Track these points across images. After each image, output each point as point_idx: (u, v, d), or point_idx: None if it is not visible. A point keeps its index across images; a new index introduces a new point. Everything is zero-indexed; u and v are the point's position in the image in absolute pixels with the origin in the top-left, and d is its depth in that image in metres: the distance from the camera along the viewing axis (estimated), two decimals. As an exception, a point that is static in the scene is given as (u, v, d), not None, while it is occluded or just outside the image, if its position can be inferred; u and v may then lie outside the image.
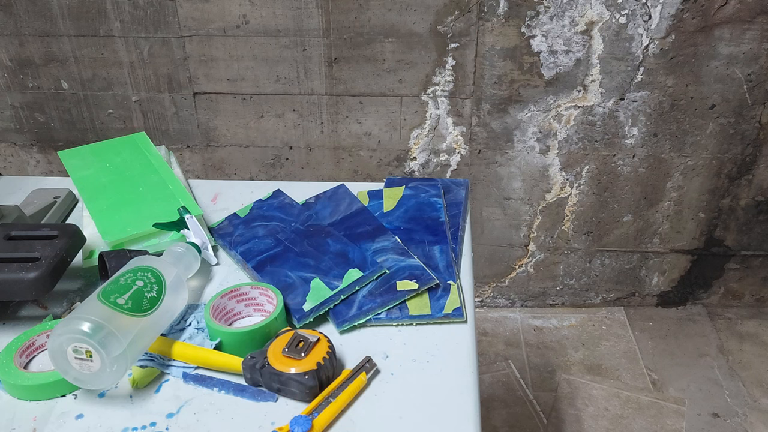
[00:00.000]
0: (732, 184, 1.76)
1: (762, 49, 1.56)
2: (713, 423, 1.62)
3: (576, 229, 1.86)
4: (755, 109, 1.65)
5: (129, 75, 1.69)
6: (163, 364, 0.70)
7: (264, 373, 0.66)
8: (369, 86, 1.67)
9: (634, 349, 1.84)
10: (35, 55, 1.67)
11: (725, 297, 1.98)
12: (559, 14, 1.54)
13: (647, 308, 2.00)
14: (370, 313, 0.76)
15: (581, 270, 1.94)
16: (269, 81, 1.67)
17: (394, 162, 1.79)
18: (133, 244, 0.86)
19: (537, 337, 1.89)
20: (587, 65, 1.60)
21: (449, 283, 0.80)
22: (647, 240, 1.87)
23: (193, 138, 1.78)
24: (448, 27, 1.58)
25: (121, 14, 1.60)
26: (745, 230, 1.84)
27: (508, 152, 1.75)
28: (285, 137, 1.76)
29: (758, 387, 1.72)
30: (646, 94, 1.63)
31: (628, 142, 1.71)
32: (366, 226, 0.90)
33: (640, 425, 1.60)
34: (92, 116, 1.75)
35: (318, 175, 1.82)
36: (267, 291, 0.76)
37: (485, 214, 1.86)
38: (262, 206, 0.95)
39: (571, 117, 1.68)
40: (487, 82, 1.65)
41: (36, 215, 0.94)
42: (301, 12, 1.57)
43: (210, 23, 1.60)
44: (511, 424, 1.62)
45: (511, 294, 2.00)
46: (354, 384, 0.66)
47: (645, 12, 1.53)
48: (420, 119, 1.71)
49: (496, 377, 1.75)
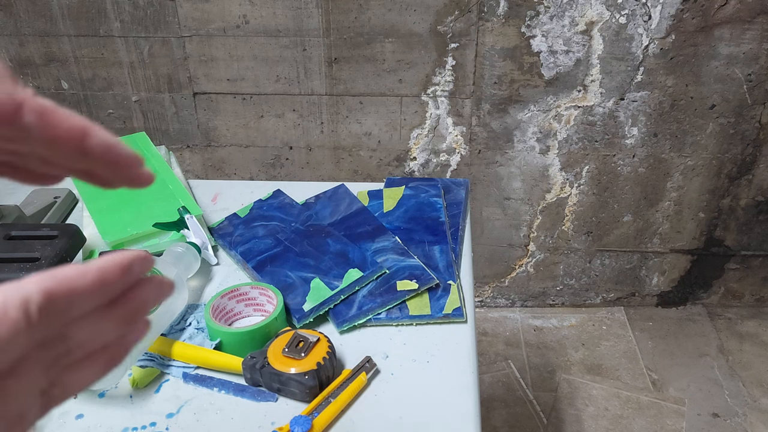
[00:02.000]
0: (732, 184, 1.76)
1: (762, 49, 1.56)
2: (713, 423, 1.62)
3: (576, 229, 1.86)
4: (755, 109, 1.65)
5: (129, 75, 1.69)
6: (163, 364, 0.70)
7: (264, 373, 0.66)
8: (369, 86, 1.67)
9: (634, 349, 1.84)
10: (35, 55, 1.67)
11: (725, 297, 1.98)
12: (559, 14, 1.54)
13: (647, 308, 2.00)
14: (370, 313, 0.76)
15: (581, 270, 1.94)
16: (269, 81, 1.67)
17: (394, 162, 1.79)
18: (133, 244, 0.86)
19: (537, 337, 1.89)
20: (587, 65, 1.60)
21: (449, 283, 0.80)
22: (647, 240, 1.87)
23: (193, 138, 1.78)
24: (448, 27, 1.58)
25: (121, 14, 1.60)
26: (745, 230, 1.84)
27: (508, 152, 1.75)
28: (285, 137, 1.76)
29: (758, 387, 1.72)
30: (646, 94, 1.63)
31: (628, 142, 1.71)
32: (366, 226, 0.90)
33: (640, 425, 1.60)
34: (92, 116, 1.75)
35: (318, 175, 1.82)
36: (267, 291, 0.76)
37: (485, 214, 1.86)
38: (262, 206, 0.95)
39: (571, 117, 1.68)
40: (487, 82, 1.65)
41: (36, 215, 0.94)
42: (301, 12, 1.57)
43: (210, 23, 1.60)
44: (511, 424, 1.62)
45: (511, 294, 2.00)
46: (354, 384, 0.66)
47: (645, 12, 1.53)
48: (420, 119, 1.71)
49: (496, 377, 1.75)
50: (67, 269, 0.25)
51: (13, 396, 0.23)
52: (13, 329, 0.22)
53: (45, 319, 0.23)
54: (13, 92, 0.27)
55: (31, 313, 0.23)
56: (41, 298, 0.23)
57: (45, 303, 0.23)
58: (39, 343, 0.24)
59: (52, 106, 0.28)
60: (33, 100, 0.27)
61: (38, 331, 0.23)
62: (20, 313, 0.22)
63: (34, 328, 0.23)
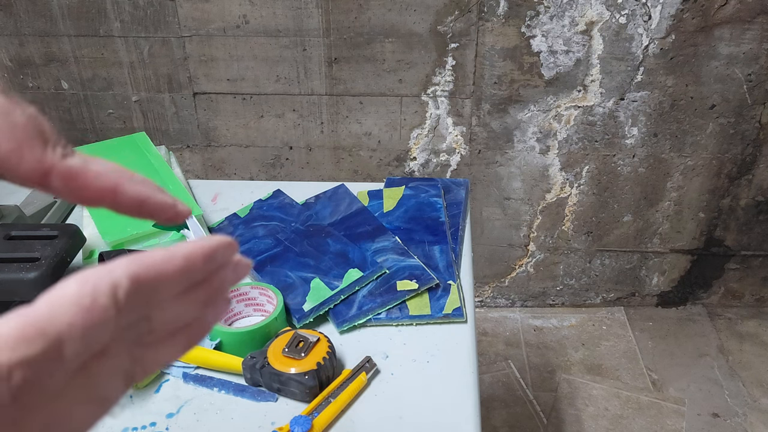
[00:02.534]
0: (732, 184, 1.76)
1: (762, 49, 1.56)
2: (713, 423, 1.62)
3: (576, 229, 1.86)
4: (755, 109, 1.65)
5: (129, 75, 1.69)
6: (163, 364, 0.70)
7: (264, 373, 0.66)
8: (369, 86, 1.67)
9: (634, 349, 1.84)
10: (35, 55, 1.67)
11: (725, 297, 1.98)
12: (559, 14, 1.54)
13: (647, 308, 2.00)
14: (370, 313, 0.76)
15: (581, 270, 1.94)
16: (269, 81, 1.67)
17: (394, 162, 1.79)
18: (133, 244, 0.86)
19: (537, 337, 1.89)
20: (587, 65, 1.60)
21: (449, 283, 0.80)
22: (647, 240, 1.87)
23: (193, 138, 1.78)
24: (448, 27, 1.58)
25: (121, 14, 1.60)
26: (745, 230, 1.84)
27: (508, 152, 1.75)
28: (285, 137, 1.76)
29: (758, 387, 1.72)
30: (646, 94, 1.63)
31: (628, 142, 1.71)
32: (366, 226, 0.90)
33: (640, 425, 1.60)
34: (92, 116, 1.75)
35: (318, 175, 1.82)
36: (267, 291, 0.76)
37: (485, 214, 1.86)
38: (262, 206, 0.95)
39: (571, 117, 1.68)
40: (487, 82, 1.65)
41: (36, 215, 0.94)
42: (301, 12, 1.57)
43: (210, 23, 1.60)
44: (511, 424, 1.62)
45: (511, 294, 2.00)
46: (354, 384, 0.66)
47: (645, 12, 1.53)
48: (420, 119, 1.71)
49: (496, 377, 1.75)
50: (154, 254, 0.26)
51: (101, 378, 0.23)
52: (103, 317, 0.22)
53: (132, 304, 0.24)
54: (41, 158, 0.27)
55: (120, 300, 0.23)
56: (129, 284, 0.23)
57: (133, 288, 0.23)
58: (125, 327, 0.24)
59: (81, 168, 0.28)
60: (61, 166, 0.27)
61: (125, 316, 0.23)
62: (110, 300, 0.23)
63: (122, 314, 0.23)
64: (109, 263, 0.24)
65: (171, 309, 0.26)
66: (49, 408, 0.22)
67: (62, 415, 0.22)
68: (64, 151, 0.28)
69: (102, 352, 0.23)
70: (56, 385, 0.22)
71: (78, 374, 0.23)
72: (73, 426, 0.23)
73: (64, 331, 0.21)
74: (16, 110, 0.27)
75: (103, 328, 0.22)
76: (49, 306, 0.22)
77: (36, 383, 0.21)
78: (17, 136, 0.27)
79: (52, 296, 0.22)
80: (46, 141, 0.27)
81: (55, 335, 0.21)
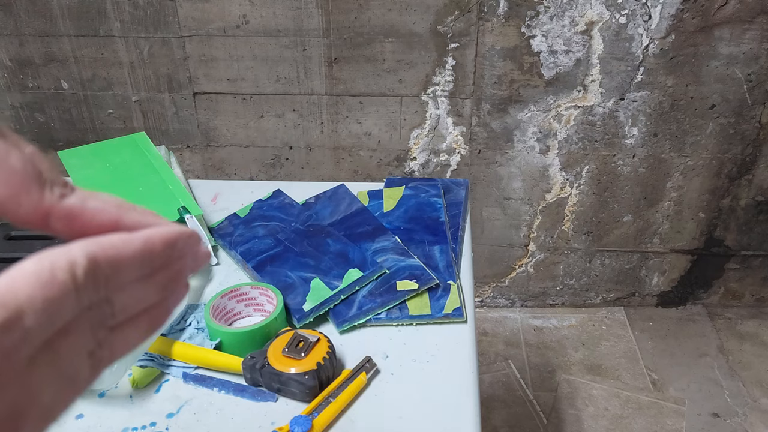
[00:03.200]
0: (732, 184, 1.76)
1: (762, 49, 1.56)
2: (713, 423, 1.62)
3: (576, 229, 1.86)
4: (755, 109, 1.65)
5: (129, 75, 1.69)
6: (163, 364, 0.70)
7: (264, 373, 0.66)
8: (369, 86, 1.67)
9: (634, 349, 1.84)
10: (35, 55, 1.67)
11: (725, 297, 1.98)
12: (559, 14, 1.54)
13: (647, 308, 2.00)
14: (370, 313, 0.76)
15: (581, 270, 1.94)
16: (269, 81, 1.67)
17: (394, 162, 1.79)
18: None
19: (537, 337, 1.89)
20: (587, 65, 1.60)
21: (449, 283, 0.80)
22: (647, 240, 1.87)
23: (193, 138, 1.78)
24: (448, 27, 1.58)
25: (121, 14, 1.60)
26: (745, 230, 1.84)
27: (508, 152, 1.75)
28: (285, 137, 1.76)
29: (758, 387, 1.72)
30: (646, 94, 1.63)
31: (628, 142, 1.71)
32: (366, 226, 0.90)
33: (640, 425, 1.60)
34: (92, 116, 1.75)
35: (318, 175, 1.82)
36: (267, 291, 0.76)
37: (485, 214, 1.86)
38: (262, 206, 0.95)
39: (571, 117, 1.68)
40: (487, 82, 1.65)
41: (36, 215, 0.94)
42: (301, 12, 1.57)
43: (210, 23, 1.60)
44: (511, 424, 1.62)
45: (511, 294, 2.00)
46: (354, 384, 0.66)
47: (645, 12, 1.53)
48: (420, 119, 1.71)
49: (496, 377, 1.75)
50: (113, 236, 0.26)
51: (65, 355, 0.24)
52: (62, 291, 0.23)
53: (91, 283, 0.24)
54: (39, 203, 0.27)
55: (78, 277, 0.23)
56: (87, 262, 0.24)
57: (90, 267, 0.24)
58: (86, 307, 0.25)
59: (80, 208, 0.28)
60: (60, 208, 0.27)
61: (85, 294, 0.24)
62: (68, 275, 0.23)
63: (81, 292, 0.24)
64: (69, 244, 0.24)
65: (132, 292, 0.27)
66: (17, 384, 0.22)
67: (30, 394, 0.23)
68: (62, 191, 0.28)
69: (65, 329, 0.24)
70: (21, 359, 0.22)
71: (43, 351, 0.23)
72: (43, 407, 0.23)
73: (24, 302, 0.22)
74: (13, 154, 0.27)
75: (63, 303, 0.23)
76: (8, 279, 0.22)
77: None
78: (14, 182, 0.27)
79: (11, 272, 0.23)
80: (43, 183, 0.27)
81: (15, 306, 0.22)
